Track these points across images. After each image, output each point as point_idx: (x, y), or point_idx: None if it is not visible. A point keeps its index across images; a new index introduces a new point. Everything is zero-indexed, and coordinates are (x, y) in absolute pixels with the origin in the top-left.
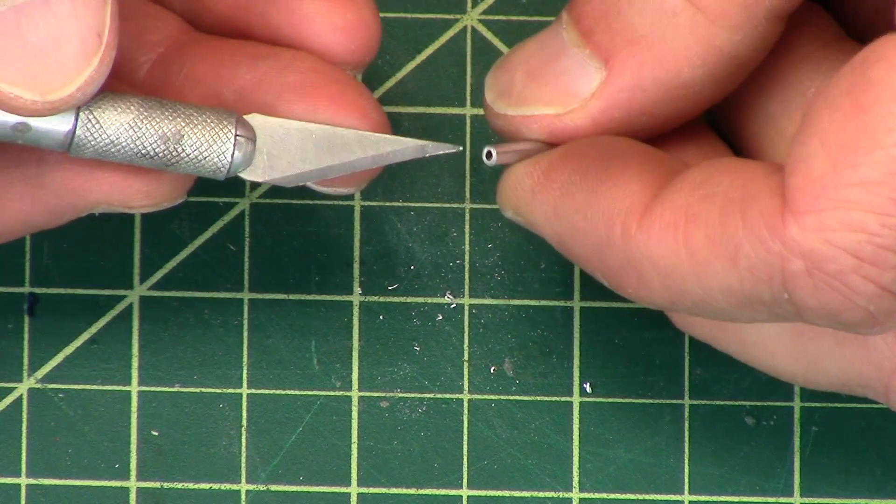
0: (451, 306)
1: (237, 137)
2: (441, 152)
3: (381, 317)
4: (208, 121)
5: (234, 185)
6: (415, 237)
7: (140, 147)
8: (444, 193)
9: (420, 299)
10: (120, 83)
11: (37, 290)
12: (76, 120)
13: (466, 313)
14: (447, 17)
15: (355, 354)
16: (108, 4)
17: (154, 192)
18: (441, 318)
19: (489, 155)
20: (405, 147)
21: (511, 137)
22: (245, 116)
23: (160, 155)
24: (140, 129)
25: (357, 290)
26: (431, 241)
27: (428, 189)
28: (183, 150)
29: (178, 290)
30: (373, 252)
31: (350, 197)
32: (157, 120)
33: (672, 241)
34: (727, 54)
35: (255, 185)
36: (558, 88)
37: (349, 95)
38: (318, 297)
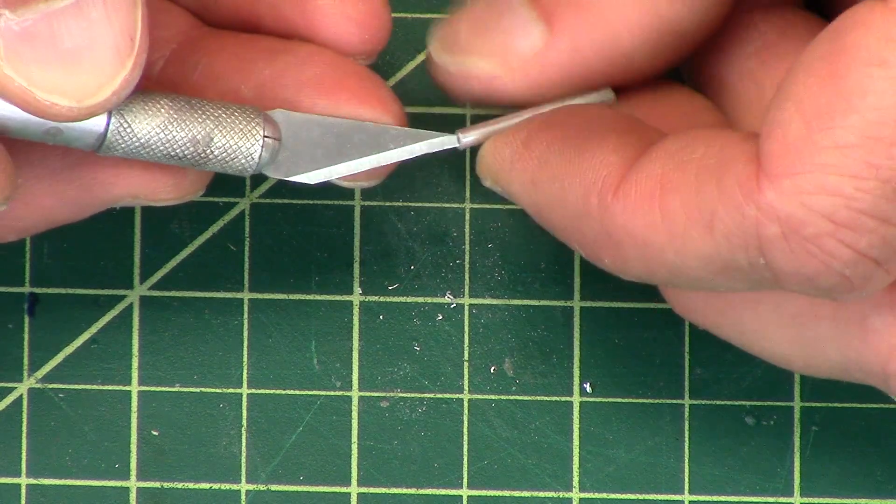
0: (451, 306)
1: (265, 139)
2: (457, 146)
3: (381, 317)
4: (237, 122)
5: (234, 185)
6: (415, 237)
7: (170, 149)
8: (444, 193)
9: (420, 299)
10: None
11: (37, 290)
12: (108, 123)
13: (466, 313)
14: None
15: (355, 354)
16: (139, 7)
17: (180, 186)
18: (441, 318)
19: (458, 139)
20: (430, 140)
21: (451, 94)
22: (269, 112)
23: (189, 157)
24: (170, 132)
25: (357, 290)
26: (431, 241)
27: (428, 189)
28: (212, 153)
29: (178, 290)
30: (373, 252)
31: (350, 197)
32: (188, 122)
33: (648, 210)
34: (670, 26)
35: (255, 185)
36: (499, 43)
37: (369, 88)
38: (318, 297)
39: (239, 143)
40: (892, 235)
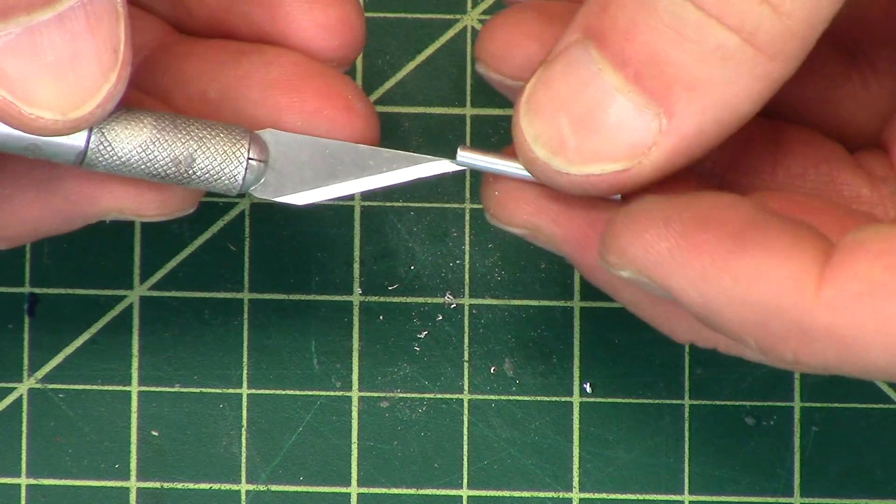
0: (451, 306)
1: (249, 161)
2: (451, 171)
3: (381, 317)
4: (221, 143)
5: None
6: (415, 237)
7: (151, 168)
8: (444, 193)
9: (420, 299)
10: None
11: (37, 290)
12: (88, 139)
13: (466, 313)
14: (447, 17)
15: (355, 354)
16: (122, 19)
17: (166, 203)
18: (441, 318)
19: (461, 158)
20: (423, 164)
21: (573, 193)
22: (258, 132)
23: (171, 176)
24: (151, 151)
25: (357, 290)
26: (431, 241)
27: (428, 189)
28: (194, 173)
29: (178, 290)
30: (373, 252)
31: (350, 197)
32: (170, 142)
33: (858, 311)
34: (779, 83)
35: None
36: (620, 142)
37: (335, 88)
38: (318, 297)
39: (222, 165)
40: None
